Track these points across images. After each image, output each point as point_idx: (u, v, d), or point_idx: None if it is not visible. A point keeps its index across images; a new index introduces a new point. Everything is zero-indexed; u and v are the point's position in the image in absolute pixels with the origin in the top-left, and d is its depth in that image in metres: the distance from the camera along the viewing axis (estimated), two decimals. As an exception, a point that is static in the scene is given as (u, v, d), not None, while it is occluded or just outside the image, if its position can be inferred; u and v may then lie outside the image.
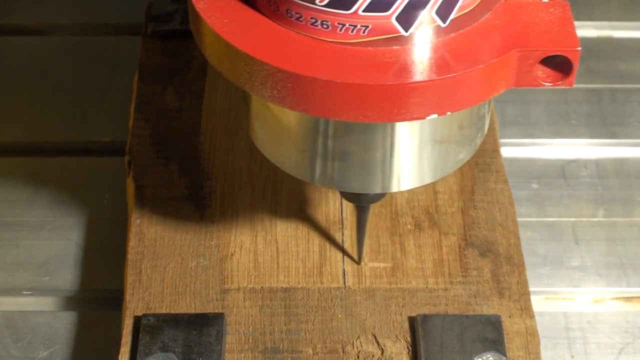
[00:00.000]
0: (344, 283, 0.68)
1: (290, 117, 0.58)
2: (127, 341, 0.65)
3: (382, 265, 0.69)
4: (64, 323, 0.71)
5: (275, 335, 0.65)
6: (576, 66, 0.54)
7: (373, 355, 0.65)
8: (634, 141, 0.83)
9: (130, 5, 0.92)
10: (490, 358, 0.63)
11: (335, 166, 0.59)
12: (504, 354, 0.63)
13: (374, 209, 0.71)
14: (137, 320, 0.65)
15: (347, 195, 0.65)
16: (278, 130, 0.60)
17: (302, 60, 0.52)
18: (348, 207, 0.72)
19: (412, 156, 0.58)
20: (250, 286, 0.68)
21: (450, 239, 0.70)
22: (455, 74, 0.52)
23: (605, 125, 0.84)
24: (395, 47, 0.53)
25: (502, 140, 0.79)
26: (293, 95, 0.53)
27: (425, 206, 0.72)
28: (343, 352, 0.65)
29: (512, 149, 0.82)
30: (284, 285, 0.68)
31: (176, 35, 0.82)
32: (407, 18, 0.52)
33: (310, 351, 0.65)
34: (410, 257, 0.69)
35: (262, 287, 0.67)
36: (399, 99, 0.52)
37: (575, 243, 0.76)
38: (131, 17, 0.91)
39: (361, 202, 0.65)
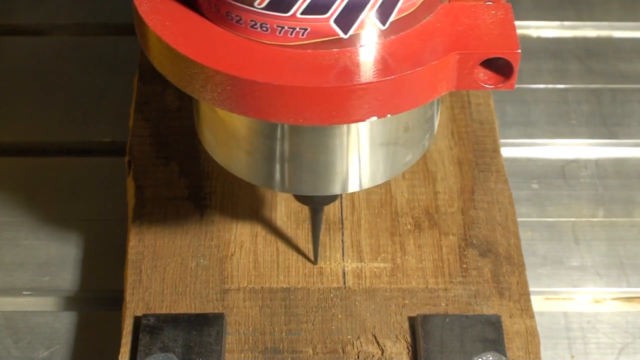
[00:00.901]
0: (344, 283, 0.68)
1: (235, 120, 0.58)
2: (127, 341, 0.65)
3: (382, 265, 0.69)
4: (64, 323, 0.71)
5: (275, 336, 0.65)
6: (517, 69, 0.54)
7: (373, 356, 0.65)
8: (634, 141, 0.83)
9: (130, 5, 0.92)
10: (491, 358, 0.63)
11: (281, 168, 0.59)
12: (504, 354, 0.63)
13: (374, 209, 0.71)
14: (137, 320, 0.65)
15: (298, 197, 0.65)
16: (225, 133, 0.60)
17: (241, 62, 0.52)
18: (348, 208, 0.72)
19: (358, 158, 0.58)
20: (250, 286, 0.68)
21: (450, 239, 0.70)
22: (394, 77, 0.52)
23: (605, 125, 0.84)
24: (334, 50, 0.53)
25: (502, 140, 0.79)
26: (233, 98, 0.53)
27: (425, 206, 0.72)
28: (343, 352, 0.65)
29: (512, 149, 0.82)
30: (284, 285, 0.68)
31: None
32: (345, 21, 0.52)
33: (310, 351, 0.65)
34: (410, 257, 0.69)
35: (262, 287, 0.67)
36: (338, 101, 0.52)
37: (575, 243, 0.76)
38: (131, 17, 0.90)
39: (312, 204, 0.66)
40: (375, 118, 0.53)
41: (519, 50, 0.54)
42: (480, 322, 0.65)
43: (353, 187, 0.60)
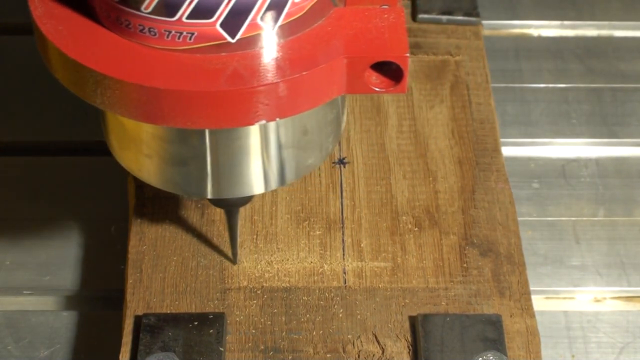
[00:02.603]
0: (345, 282, 0.68)
1: (131, 123, 0.58)
2: (127, 341, 0.65)
3: (382, 264, 0.69)
4: (64, 323, 0.71)
5: (276, 335, 0.65)
6: (407, 72, 0.54)
7: (373, 355, 0.65)
8: (634, 141, 0.83)
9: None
10: (491, 357, 0.63)
11: (178, 171, 0.59)
12: (505, 354, 0.63)
13: (374, 209, 0.71)
14: (138, 320, 0.65)
15: (210, 200, 0.65)
16: (125, 137, 0.60)
17: (129, 66, 0.52)
18: (348, 207, 0.72)
19: (256, 161, 0.58)
20: (251, 286, 0.67)
21: (451, 238, 0.70)
22: (281, 80, 0.52)
23: (605, 124, 0.84)
24: (223, 54, 0.53)
25: (502, 140, 0.79)
26: (121, 102, 0.53)
27: (425, 206, 0.72)
28: (344, 351, 0.65)
29: (512, 149, 0.82)
30: (285, 285, 0.68)
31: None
32: (232, 25, 0.52)
33: (311, 351, 0.65)
34: (410, 256, 0.69)
35: (262, 286, 0.67)
36: (225, 105, 0.52)
37: (576, 242, 0.76)
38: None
39: (225, 206, 0.66)
40: (264, 121, 0.53)
41: (408, 54, 0.54)
42: (480, 322, 0.65)
43: (256, 189, 0.60)
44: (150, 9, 0.52)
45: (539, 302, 0.72)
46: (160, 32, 0.53)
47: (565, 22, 0.92)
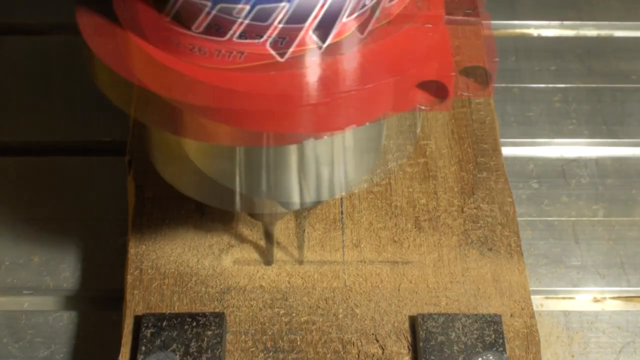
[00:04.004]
0: (345, 283, 0.68)
1: (177, 140, 0.59)
2: (127, 341, 0.65)
3: (382, 264, 0.69)
4: (64, 323, 0.71)
5: (276, 335, 0.65)
6: (452, 91, 0.54)
7: (373, 355, 0.65)
8: (634, 141, 0.83)
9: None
10: (491, 358, 0.63)
11: (226, 189, 0.60)
12: (504, 354, 0.63)
13: (374, 209, 0.71)
14: (138, 320, 0.65)
15: (251, 215, 0.66)
16: (170, 152, 0.61)
17: (180, 86, 0.53)
18: (348, 207, 0.72)
19: (301, 178, 0.59)
20: (251, 285, 0.67)
21: (451, 238, 0.70)
22: (330, 99, 0.52)
23: (605, 124, 0.84)
24: (272, 73, 0.53)
25: (502, 140, 0.79)
26: (172, 120, 0.53)
27: (425, 205, 0.72)
28: (343, 351, 0.65)
29: (512, 149, 0.82)
30: (285, 285, 0.68)
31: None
32: (281, 44, 0.53)
33: (311, 351, 0.65)
34: (410, 256, 0.69)
35: (262, 286, 0.67)
36: (275, 123, 0.53)
37: (576, 242, 0.76)
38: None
39: (263, 220, 0.67)
40: (312, 140, 0.54)
41: (454, 74, 0.54)
42: (480, 322, 0.65)
43: (296, 205, 0.61)
44: (201, 29, 0.52)
45: (538, 302, 0.72)
46: (210, 51, 0.53)
47: (565, 22, 0.92)
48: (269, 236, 0.68)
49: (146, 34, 0.55)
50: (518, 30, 0.92)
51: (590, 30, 0.92)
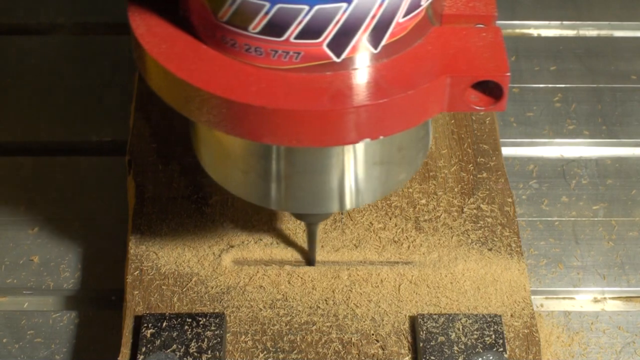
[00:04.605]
0: (345, 283, 0.68)
1: (231, 140, 0.59)
2: (127, 341, 0.65)
3: (382, 264, 0.69)
4: (64, 323, 0.71)
5: (276, 335, 0.65)
6: (506, 91, 0.55)
7: (373, 355, 0.65)
8: (634, 141, 0.83)
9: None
10: (491, 358, 0.63)
11: (277, 188, 0.60)
12: (505, 354, 0.63)
13: (374, 209, 0.71)
14: (138, 320, 0.65)
15: (294, 215, 0.66)
16: (221, 153, 0.61)
17: (236, 86, 0.53)
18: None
19: (351, 178, 0.59)
20: (251, 285, 0.67)
21: (451, 238, 0.70)
22: (386, 100, 0.52)
23: (605, 124, 0.84)
24: (328, 73, 0.53)
25: (502, 140, 0.79)
26: (228, 120, 0.53)
27: (425, 206, 0.72)
28: (344, 352, 0.65)
29: (512, 149, 0.82)
30: (285, 285, 0.68)
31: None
32: (338, 45, 0.53)
33: (311, 351, 0.65)
34: (410, 256, 0.69)
35: (262, 286, 0.67)
36: (331, 124, 0.53)
37: (576, 242, 0.76)
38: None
39: (308, 220, 0.67)
40: (368, 140, 0.54)
41: (509, 74, 0.54)
42: (480, 322, 0.65)
43: (346, 205, 0.61)
44: (258, 29, 0.52)
45: (538, 302, 0.72)
46: (266, 51, 0.53)
47: (565, 22, 0.92)
48: (312, 236, 0.68)
49: (200, 34, 0.55)
50: (518, 30, 0.92)
51: (590, 30, 0.92)
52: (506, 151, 0.80)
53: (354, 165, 0.59)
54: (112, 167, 0.79)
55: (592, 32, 0.92)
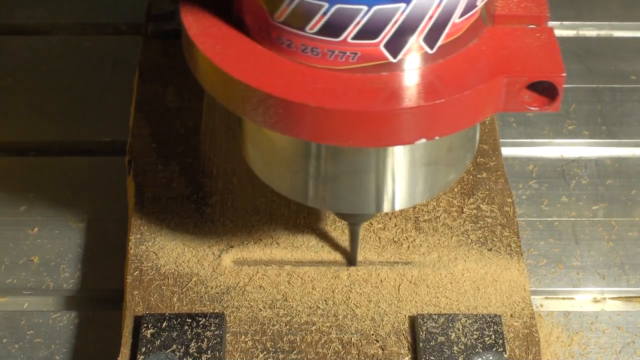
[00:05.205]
0: (344, 283, 0.68)
1: (282, 140, 0.59)
2: (127, 341, 0.65)
3: (382, 264, 0.69)
4: (64, 323, 0.71)
5: (276, 336, 0.65)
6: (561, 91, 0.55)
7: (373, 355, 0.65)
8: (634, 141, 0.83)
9: (130, 5, 0.92)
10: (491, 358, 0.63)
11: (325, 188, 0.60)
12: (505, 354, 0.63)
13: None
14: (138, 320, 0.65)
15: (339, 214, 0.66)
16: (271, 152, 0.61)
17: (293, 86, 0.53)
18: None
19: (401, 178, 0.59)
20: (251, 285, 0.67)
21: (451, 239, 0.70)
22: (442, 100, 0.52)
23: (605, 124, 0.84)
24: (383, 74, 0.53)
25: (502, 140, 0.79)
26: (284, 121, 0.53)
27: (425, 206, 0.72)
28: (344, 352, 0.65)
29: (512, 149, 0.82)
30: (285, 285, 0.68)
31: (176, 34, 0.82)
32: (395, 45, 0.53)
33: (311, 351, 0.65)
34: (410, 256, 0.69)
35: (262, 286, 0.67)
36: (388, 124, 0.53)
37: (576, 243, 0.76)
38: (131, 16, 0.91)
39: (353, 221, 0.67)
40: (423, 140, 0.54)
41: (565, 74, 0.54)
42: (480, 322, 0.65)
43: (395, 206, 0.61)
44: (315, 30, 0.53)
45: (538, 302, 0.72)
46: (323, 52, 0.53)
47: (565, 22, 0.92)
48: (354, 236, 0.68)
49: (254, 34, 0.55)
50: (518, 30, 0.92)
51: (590, 30, 0.92)
52: (506, 151, 0.80)
53: (404, 166, 0.59)
54: (112, 167, 0.79)
55: (592, 32, 0.92)
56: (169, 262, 0.69)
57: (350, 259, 0.69)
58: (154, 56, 0.81)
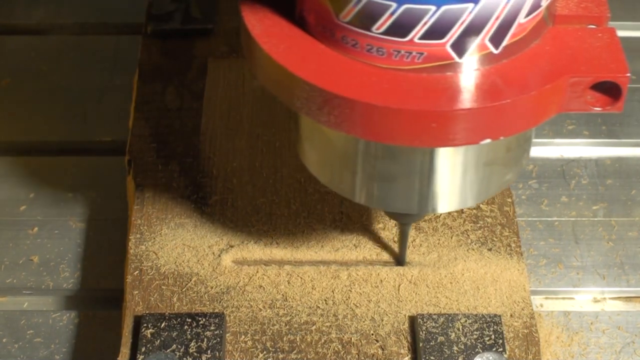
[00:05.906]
0: (344, 283, 0.68)
1: (341, 139, 0.59)
2: (127, 341, 0.65)
3: (382, 264, 0.69)
4: (64, 323, 0.71)
5: (275, 335, 0.65)
6: (625, 91, 0.55)
7: (373, 355, 0.65)
8: (634, 141, 0.83)
9: (130, 5, 0.92)
10: (491, 358, 0.63)
11: (381, 187, 0.60)
12: (505, 354, 0.63)
13: (374, 209, 0.71)
14: (137, 320, 0.65)
15: (390, 214, 0.66)
16: (328, 151, 0.60)
17: (358, 86, 0.53)
18: (348, 207, 0.72)
19: (458, 178, 0.59)
20: (251, 285, 0.67)
21: (450, 238, 0.70)
22: (508, 100, 0.52)
23: (605, 124, 0.84)
24: (448, 74, 0.53)
25: (502, 140, 0.79)
26: (350, 120, 0.53)
27: (425, 206, 0.72)
28: (343, 352, 0.65)
29: (512, 149, 0.82)
30: (285, 285, 0.68)
31: (176, 34, 0.82)
32: (461, 45, 0.53)
33: (311, 351, 0.65)
34: (410, 256, 0.69)
35: (262, 286, 0.67)
36: (454, 124, 0.52)
37: (576, 242, 0.76)
38: (131, 16, 0.91)
39: (404, 221, 0.67)
40: (488, 140, 0.53)
41: (629, 74, 0.54)
42: (480, 322, 0.65)
43: (451, 206, 0.61)
44: (382, 30, 0.52)
45: (538, 302, 0.72)
46: (388, 52, 0.53)
47: (565, 22, 0.92)
48: (404, 236, 0.68)
49: (318, 34, 0.55)
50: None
51: (590, 31, 0.92)
52: (506, 151, 0.80)
53: (462, 166, 0.58)
54: (112, 167, 0.79)
55: (592, 32, 0.92)
56: (169, 262, 0.69)
57: (399, 259, 0.69)
58: (154, 56, 0.81)
